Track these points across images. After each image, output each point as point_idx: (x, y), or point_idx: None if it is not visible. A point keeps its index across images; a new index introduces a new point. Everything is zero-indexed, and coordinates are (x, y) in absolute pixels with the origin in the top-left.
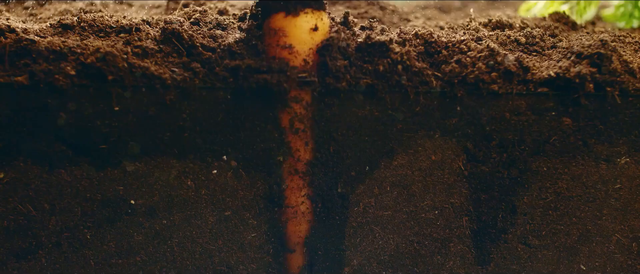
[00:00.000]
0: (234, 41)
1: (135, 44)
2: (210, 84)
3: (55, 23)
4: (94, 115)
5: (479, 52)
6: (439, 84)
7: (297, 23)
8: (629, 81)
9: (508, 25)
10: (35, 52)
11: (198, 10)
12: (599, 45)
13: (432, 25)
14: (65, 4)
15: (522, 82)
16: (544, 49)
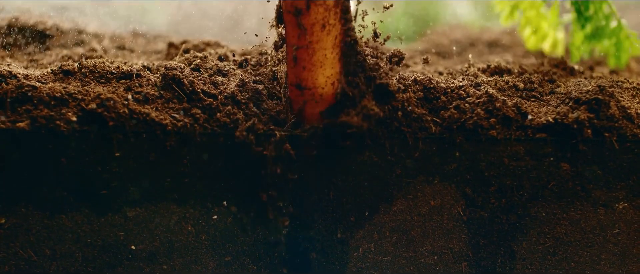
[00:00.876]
0: (236, 88)
1: (136, 90)
2: (210, 130)
3: (56, 69)
4: (95, 160)
5: (477, 98)
6: (438, 130)
7: None
8: (627, 127)
9: (506, 70)
10: (36, 98)
11: (198, 57)
12: (597, 91)
13: (431, 70)
14: (66, 50)
15: (520, 128)
16: (543, 95)
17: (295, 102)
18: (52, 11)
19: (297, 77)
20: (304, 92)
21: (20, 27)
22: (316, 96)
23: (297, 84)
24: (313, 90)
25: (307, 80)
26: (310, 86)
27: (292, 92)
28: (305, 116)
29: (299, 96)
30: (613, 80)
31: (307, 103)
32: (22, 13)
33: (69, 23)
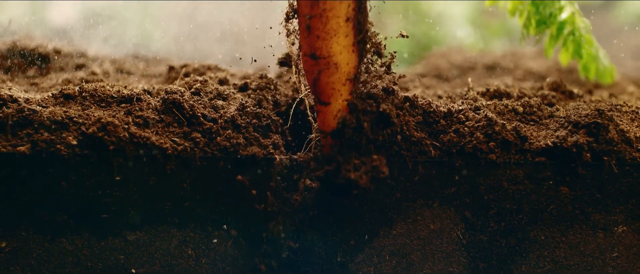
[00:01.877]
0: (236, 112)
1: (137, 114)
2: (211, 154)
3: (57, 93)
4: (95, 184)
5: (477, 122)
6: (438, 154)
7: None
8: (625, 150)
9: (506, 94)
10: (37, 122)
11: (199, 80)
12: (596, 115)
13: (430, 94)
14: (67, 73)
15: (519, 152)
16: (542, 118)
17: (309, 72)
18: (52, 34)
19: (311, 47)
20: (318, 62)
21: (21, 50)
22: (331, 65)
23: (312, 54)
24: (328, 59)
25: (321, 49)
26: (325, 54)
27: (306, 63)
28: (320, 87)
29: (314, 65)
30: (612, 104)
31: (322, 72)
32: (23, 36)
33: (70, 46)
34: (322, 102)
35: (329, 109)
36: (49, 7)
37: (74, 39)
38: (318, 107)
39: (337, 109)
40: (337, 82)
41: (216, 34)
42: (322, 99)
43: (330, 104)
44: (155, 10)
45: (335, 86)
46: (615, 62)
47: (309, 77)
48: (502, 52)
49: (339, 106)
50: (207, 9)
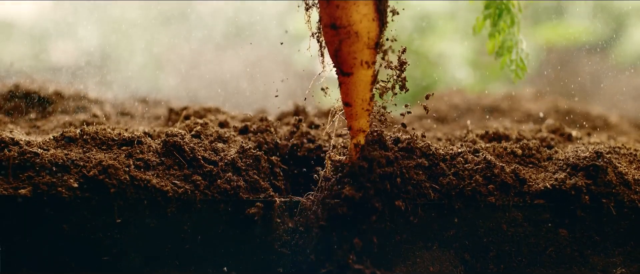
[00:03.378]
0: (237, 155)
1: (137, 157)
2: (211, 197)
3: (58, 135)
4: (96, 226)
5: (476, 165)
6: (437, 196)
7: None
8: (624, 193)
9: (505, 136)
10: (38, 165)
11: (199, 123)
12: (594, 157)
13: (430, 136)
14: (68, 116)
15: (518, 194)
16: (540, 161)
17: (330, 43)
18: (53, 75)
19: (330, 17)
20: (338, 31)
21: (23, 93)
22: (351, 34)
23: (332, 24)
24: (348, 28)
25: (341, 18)
26: (345, 23)
27: (327, 34)
28: (341, 57)
29: (334, 36)
30: (610, 146)
31: (343, 42)
32: (25, 78)
33: (71, 88)
34: (345, 73)
35: (352, 80)
36: (50, 48)
37: (75, 80)
38: (341, 79)
39: (360, 79)
40: (358, 52)
41: (216, 75)
42: (344, 69)
43: (352, 74)
44: (155, 53)
45: (356, 55)
46: (615, 104)
47: (330, 49)
48: (501, 94)
49: (362, 76)
50: (207, 50)
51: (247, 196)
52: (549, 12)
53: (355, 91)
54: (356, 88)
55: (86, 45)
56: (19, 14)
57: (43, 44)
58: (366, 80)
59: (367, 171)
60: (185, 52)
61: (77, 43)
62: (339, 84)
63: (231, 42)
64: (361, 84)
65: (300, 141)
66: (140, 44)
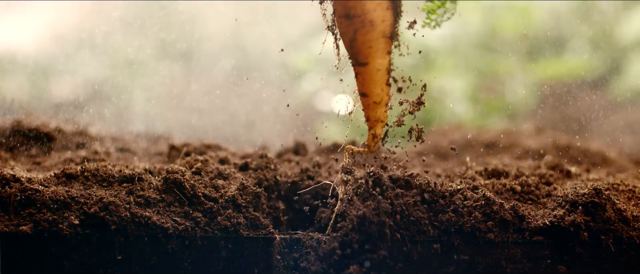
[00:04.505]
0: (237, 192)
1: (138, 194)
2: (211, 234)
3: (59, 172)
4: (97, 263)
5: (475, 202)
6: (436, 233)
7: None
8: (622, 229)
9: (504, 173)
10: (39, 201)
11: (199, 160)
12: (593, 194)
13: (429, 172)
14: (69, 152)
15: (517, 231)
16: (539, 197)
17: (345, 34)
18: (54, 111)
19: (344, 7)
20: (353, 21)
21: (24, 129)
22: (366, 22)
23: (346, 14)
24: (362, 17)
25: (355, 7)
26: (359, 12)
27: (341, 25)
28: (357, 46)
29: (349, 26)
30: (609, 183)
31: (358, 31)
32: (26, 115)
33: (71, 125)
34: (360, 63)
35: (367, 70)
36: (51, 83)
37: (76, 116)
38: (357, 70)
39: (376, 68)
40: (373, 40)
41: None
42: (360, 59)
43: (368, 63)
44: (156, 88)
45: (372, 44)
46: (614, 139)
47: (345, 40)
48: (500, 130)
49: (378, 65)
50: (208, 86)
51: (247, 233)
52: (547, 47)
53: (371, 80)
54: (372, 78)
55: (87, 80)
56: (20, 48)
57: (44, 78)
58: (382, 69)
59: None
60: (185, 87)
61: (78, 78)
62: (355, 75)
63: (232, 77)
64: (377, 73)
65: (300, 177)
66: (141, 79)
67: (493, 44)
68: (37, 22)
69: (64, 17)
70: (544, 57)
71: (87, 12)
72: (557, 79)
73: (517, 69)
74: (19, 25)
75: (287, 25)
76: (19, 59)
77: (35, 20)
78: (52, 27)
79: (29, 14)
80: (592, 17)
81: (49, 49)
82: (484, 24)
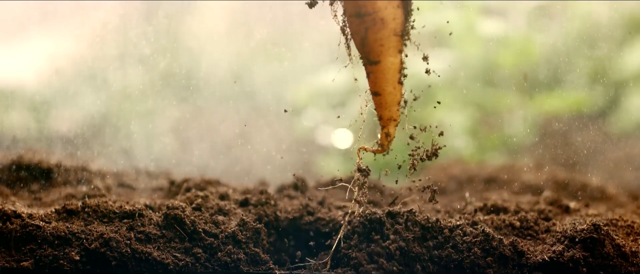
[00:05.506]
0: (237, 227)
1: (139, 230)
2: (212, 270)
3: (60, 208)
4: None
5: (474, 237)
6: (436, 269)
7: None
8: (621, 265)
9: (503, 209)
10: (40, 237)
11: (200, 196)
12: (592, 229)
13: (429, 208)
14: (69, 188)
15: (516, 266)
16: (539, 233)
17: (356, 33)
18: (55, 144)
19: (355, 6)
20: (364, 19)
21: (25, 164)
22: (377, 20)
23: (357, 13)
24: (373, 15)
25: (366, 5)
26: (370, 10)
27: (352, 24)
28: (368, 45)
29: (360, 24)
30: (608, 218)
31: (369, 29)
32: (26, 150)
33: (72, 160)
34: (372, 62)
35: (379, 68)
36: (51, 118)
37: (77, 151)
38: (368, 69)
39: (387, 66)
40: (385, 38)
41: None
42: (371, 58)
43: (380, 62)
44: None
45: (383, 42)
46: (613, 174)
47: (356, 39)
48: (500, 165)
49: (389, 63)
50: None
51: (247, 269)
52: (546, 82)
53: (383, 79)
54: (384, 76)
55: (87, 114)
56: (21, 83)
57: (45, 113)
58: (394, 68)
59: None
60: (186, 121)
61: (78, 112)
62: (367, 74)
63: (232, 111)
64: (389, 71)
65: (300, 213)
66: (142, 114)
67: (492, 78)
68: (38, 56)
69: (64, 50)
70: (543, 91)
71: (88, 46)
72: (556, 114)
73: (516, 103)
74: (19, 58)
75: (287, 60)
76: (20, 93)
77: (35, 53)
78: (52, 61)
79: (29, 48)
80: (591, 51)
81: (50, 82)
82: (483, 58)
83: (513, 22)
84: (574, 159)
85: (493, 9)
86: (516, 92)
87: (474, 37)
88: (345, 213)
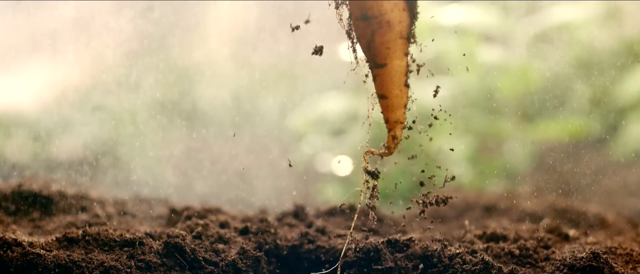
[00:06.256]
0: (237, 256)
1: (139, 258)
2: None
3: (60, 236)
4: None
5: (473, 266)
6: None
7: None
8: None
9: (502, 237)
10: (41, 266)
11: (200, 224)
12: (591, 257)
13: (428, 236)
14: (70, 216)
15: None
16: (538, 261)
17: (362, 36)
18: (55, 171)
19: (361, 8)
20: (370, 22)
21: (25, 192)
22: (383, 23)
23: (363, 15)
24: (380, 18)
25: (372, 8)
26: (376, 13)
27: (358, 28)
28: (375, 48)
29: (366, 27)
30: (607, 246)
31: (375, 32)
32: (27, 178)
33: (73, 188)
34: (379, 65)
35: (386, 71)
36: (52, 146)
37: (77, 179)
38: (375, 72)
39: (394, 69)
40: (391, 41)
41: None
42: (378, 61)
43: (386, 65)
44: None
45: (390, 45)
46: (613, 201)
47: (362, 42)
48: (499, 192)
49: (396, 66)
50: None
51: None
52: (546, 108)
53: (390, 81)
54: (391, 79)
55: (87, 141)
56: (21, 110)
57: (45, 141)
58: (400, 70)
59: None
60: (187, 149)
61: (79, 140)
62: (373, 77)
63: (232, 139)
64: (396, 74)
65: (300, 241)
66: (142, 141)
67: (492, 105)
68: (38, 83)
69: (65, 77)
70: (543, 118)
71: (89, 74)
72: (556, 141)
73: (516, 130)
74: (20, 85)
75: (286, 87)
76: (20, 120)
77: (36, 80)
78: (53, 88)
79: (29, 74)
80: (591, 77)
81: (50, 110)
82: (483, 85)
83: (513, 49)
84: (574, 187)
85: (493, 36)
86: (516, 119)
87: (474, 64)
88: (347, 234)
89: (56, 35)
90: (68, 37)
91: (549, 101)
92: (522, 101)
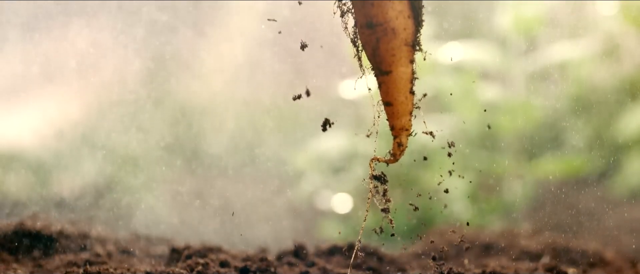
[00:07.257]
0: None
1: None
2: None
3: None
4: None
5: None
6: None
7: None
8: None
9: None
10: None
11: (201, 263)
12: None
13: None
14: (71, 255)
15: None
16: None
17: (367, 44)
18: (57, 210)
19: (366, 16)
20: (375, 30)
21: (26, 231)
22: (388, 31)
23: (368, 23)
24: (385, 25)
25: (377, 16)
26: (381, 20)
27: (363, 35)
28: (380, 55)
29: (371, 35)
30: None
31: (380, 40)
32: (28, 217)
33: (73, 226)
34: (384, 72)
35: (391, 78)
36: (52, 183)
37: (78, 217)
38: (380, 79)
39: (399, 76)
40: (396, 48)
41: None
42: (383, 68)
43: (392, 72)
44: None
45: (395, 52)
46: (611, 239)
47: (367, 50)
48: (499, 230)
49: (401, 73)
50: (208, 187)
51: None
52: (545, 146)
53: (395, 89)
54: (396, 86)
55: (88, 179)
56: (21, 147)
57: (46, 178)
58: (406, 78)
59: None
60: (187, 187)
61: (80, 177)
62: (379, 84)
63: (232, 177)
64: (401, 81)
65: None
66: (143, 179)
67: (491, 143)
68: (39, 119)
69: (65, 114)
70: (542, 155)
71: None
72: (555, 178)
73: (515, 167)
74: (20, 122)
75: (286, 125)
76: (20, 157)
77: (36, 116)
78: (53, 124)
79: (30, 111)
80: (590, 114)
81: (51, 146)
82: (482, 123)
83: (512, 87)
84: (573, 224)
85: (491, 73)
86: (515, 156)
87: (473, 102)
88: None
89: (56, 70)
90: (68, 72)
91: (548, 138)
92: (521, 138)
